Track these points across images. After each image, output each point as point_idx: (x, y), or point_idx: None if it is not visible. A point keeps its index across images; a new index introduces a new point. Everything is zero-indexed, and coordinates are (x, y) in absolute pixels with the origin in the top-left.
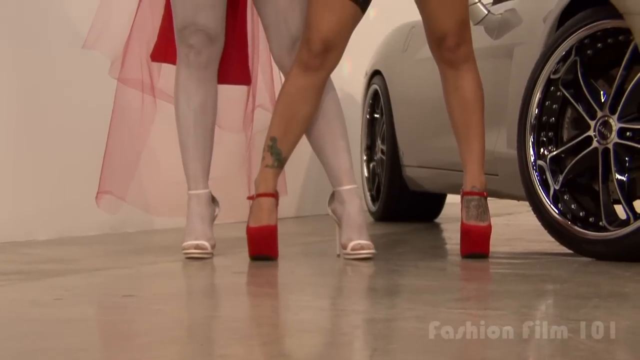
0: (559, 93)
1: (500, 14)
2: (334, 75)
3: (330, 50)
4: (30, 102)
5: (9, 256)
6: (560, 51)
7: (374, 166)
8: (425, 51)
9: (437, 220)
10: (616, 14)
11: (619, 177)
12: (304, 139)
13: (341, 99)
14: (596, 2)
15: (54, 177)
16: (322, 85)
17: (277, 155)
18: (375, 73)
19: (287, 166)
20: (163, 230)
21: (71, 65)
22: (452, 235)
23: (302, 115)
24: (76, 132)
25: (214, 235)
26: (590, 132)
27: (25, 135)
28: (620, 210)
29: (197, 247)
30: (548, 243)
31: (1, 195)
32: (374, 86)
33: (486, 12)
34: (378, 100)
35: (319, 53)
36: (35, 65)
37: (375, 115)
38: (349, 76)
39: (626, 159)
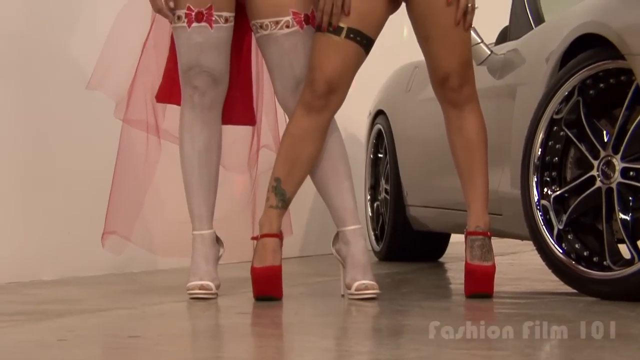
0: (562, 133)
1: (503, 54)
2: (338, 115)
3: (333, 92)
4: (36, 143)
5: (14, 297)
6: (563, 91)
7: (378, 206)
8: (429, 91)
9: (441, 259)
10: (618, 55)
11: (623, 216)
12: (308, 179)
13: (345, 138)
14: (598, 43)
15: (59, 217)
16: (326, 126)
17: (281, 196)
18: (379, 113)
19: (292, 205)
20: (167, 270)
21: (76, 106)
22: (456, 275)
23: (306, 156)
24: (81, 172)
25: (219, 276)
26: (594, 172)
27: (30, 175)
28: (624, 250)
29: (201, 287)
30: (552, 282)
31: (6, 235)
32: (378, 126)
33: (489, 52)
34: (382, 139)
35: (323, 94)
36: (41, 107)
37: (379, 155)
38: (353, 116)
39: (630, 198)
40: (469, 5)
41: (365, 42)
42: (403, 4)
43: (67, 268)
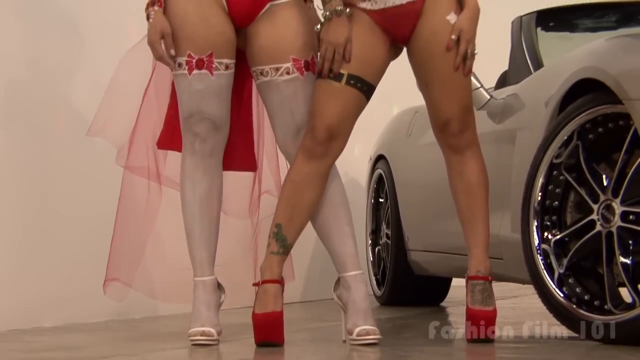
0: (561, 177)
1: (503, 98)
2: (338, 160)
3: (334, 138)
4: (37, 190)
5: (15, 344)
6: (562, 136)
7: (379, 250)
8: (429, 136)
9: (443, 303)
10: (616, 100)
11: (623, 260)
12: (309, 225)
13: (345, 183)
14: (596, 87)
15: (61, 264)
16: (327, 173)
17: (283, 242)
18: (380, 157)
19: (293, 251)
20: (169, 316)
21: (78, 153)
22: (457, 320)
23: (307, 202)
24: (82, 219)
25: (220, 322)
26: (594, 216)
27: (32, 221)
28: (625, 294)
29: (203, 333)
30: (554, 326)
31: (7, 283)
32: (379, 170)
33: (489, 97)
34: (382, 184)
35: (324, 141)
36: (42, 154)
37: (380, 200)
38: (354, 160)
39: (630, 242)
40: (469, 51)
41: (365, 88)
42: (404, 50)
43: (68, 315)
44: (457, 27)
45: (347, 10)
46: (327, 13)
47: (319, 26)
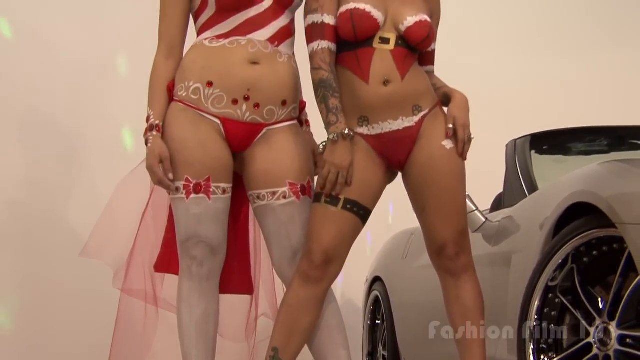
0: (557, 300)
1: (498, 221)
2: (335, 282)
3: (331, 262)
4: (34, 310)
5: None
6: (557, 259)
7: None
8: (425, 258)
9: None
10: (609, 223)
11: None
12: (305, 347)
13: (342, 305)
14: (590, 211)
15: None
16: (323, 296)
17: None
18: (376, 279)
19: None
20: None
21: (74, 274)
22: None
23: (304, 325)
24: (79, 343)
25: None
26: (590, 339)
27: (28, 342)
28: None
29: None
30: None
31: None
32: (375, 292)
33: (484, 219)
34: (379, 306)
35: (320, 265)
36: (39, 274)
37: (377, 322)
38: (350, 282)
39: None
40: (466, 136)
41: (362, 212)
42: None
43: None
44: (451, 116)
45: (352, 133)
46: (334, 135)
47: (321, 148)
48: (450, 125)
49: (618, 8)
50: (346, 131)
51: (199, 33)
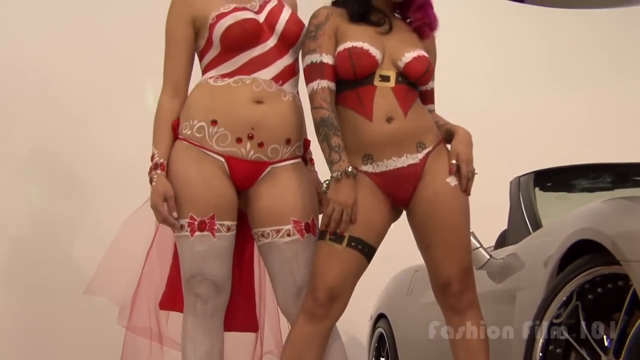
0: (562, 337)
1: (502, 258)
2: (339, 319)
3: (335, 300)
4: (38, 347)
5: None
6: (562, 296)
7: None
8: (430, 295)
9: None
10: (614, 261)
11: None
12: None
13: (346, 342)
14: (594, 248)
15: None
16: (328, 334)
17: None
18: (380, 316)
19: None
20: None
21: (79, 312)
22: None
23: None
24: None
25: None
26: None
27: None
28: None
29: None
30: None
31: None
32: (379, 329)
33: (488, 256)
34: (383, 343)
35: (324, 302)
36: (44, 312)
37: (381, 359)
38: (354, 319)
39: None
40: (470, 172)
41: (366, 250)
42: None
43: None
44: (454, 152)
45: (355, 171)
46: (337, 174)
47: (324, 186)
48: (454, 161)
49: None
50: (349, 169)
51: (204, 72)
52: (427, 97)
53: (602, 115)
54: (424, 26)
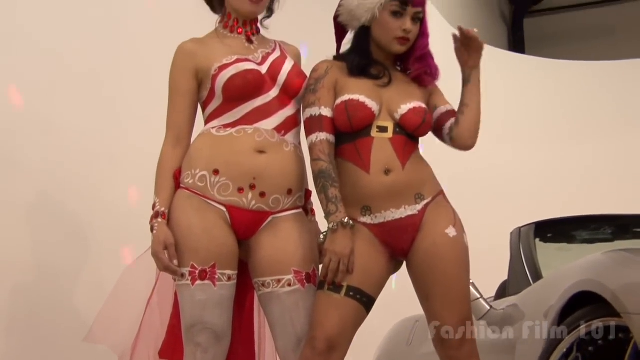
0: None
1: (502, 309)
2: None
3: (334, 349)
4: None
5: None
6: (562, 348)
7: None
8: (430, 345)
9: None
10: (614, 313)
11: None
12: None
13: None
14: (595, 300)
15: None
16: None
17: None
18: None
19: None
20: None
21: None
22: None
23: None
24: None
25: None
26: None
27: None
28: None
29: None
30: None
31: None
32: None
33: (488, 307)
34: None
35: (323, 352)
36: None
37: None
38: None
39: None
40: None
41: (365, 300)
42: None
43: None
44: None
45: (351, 222)
46: (333, 224)
47: (322, 238)
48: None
49: (622, 97)
50: (346, 220)
51: (206, 122)
52: (449, 116)
53: (603, 167)
54: (423, 75)
